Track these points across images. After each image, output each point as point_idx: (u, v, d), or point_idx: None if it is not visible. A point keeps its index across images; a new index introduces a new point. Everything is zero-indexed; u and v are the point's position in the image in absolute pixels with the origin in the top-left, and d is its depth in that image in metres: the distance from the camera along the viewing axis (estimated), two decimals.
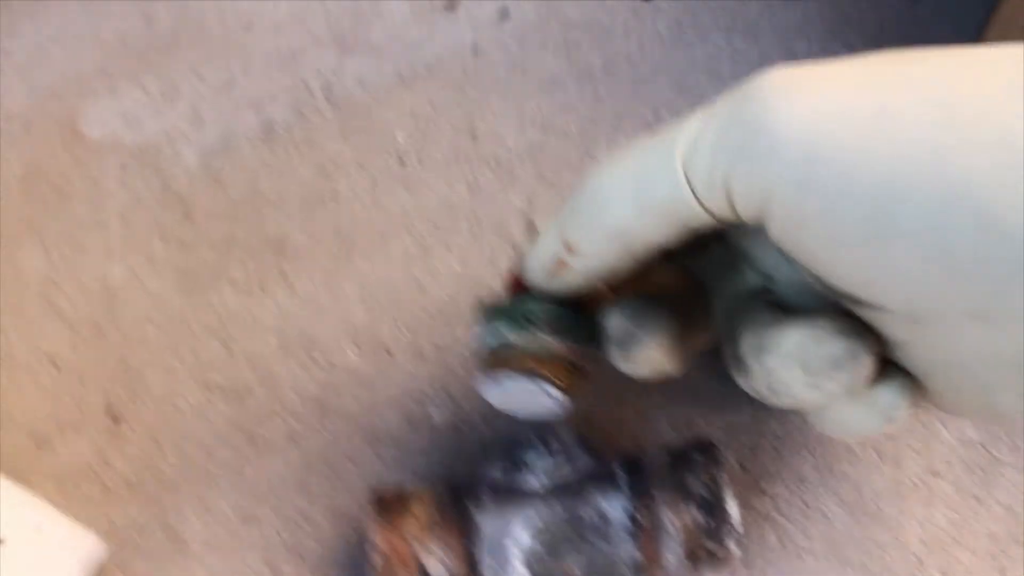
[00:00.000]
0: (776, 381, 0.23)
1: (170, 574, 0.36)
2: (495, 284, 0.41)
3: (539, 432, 0.33)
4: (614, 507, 0.32)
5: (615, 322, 0.26)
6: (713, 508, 0.31)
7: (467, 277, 0.41)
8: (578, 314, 0.26)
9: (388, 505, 0.33)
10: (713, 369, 0.31)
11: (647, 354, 0.25)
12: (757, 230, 0.22)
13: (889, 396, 0.23)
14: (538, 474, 0.32)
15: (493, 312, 0.27)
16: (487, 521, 0.32)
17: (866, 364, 0.22)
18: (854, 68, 0.22)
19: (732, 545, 0.31)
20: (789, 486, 0.36)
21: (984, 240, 0.18)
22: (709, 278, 0.28)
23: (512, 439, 0.33)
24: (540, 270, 0.26)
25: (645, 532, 0.31)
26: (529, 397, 0.27)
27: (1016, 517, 0.35)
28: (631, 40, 0.52)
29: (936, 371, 0.22)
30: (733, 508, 0.31)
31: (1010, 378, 0.20)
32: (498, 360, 0.27)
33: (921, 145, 0.19)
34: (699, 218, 0.22)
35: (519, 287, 0.28)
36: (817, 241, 0.20)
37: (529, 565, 0.31)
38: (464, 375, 0.39)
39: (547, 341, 0.26)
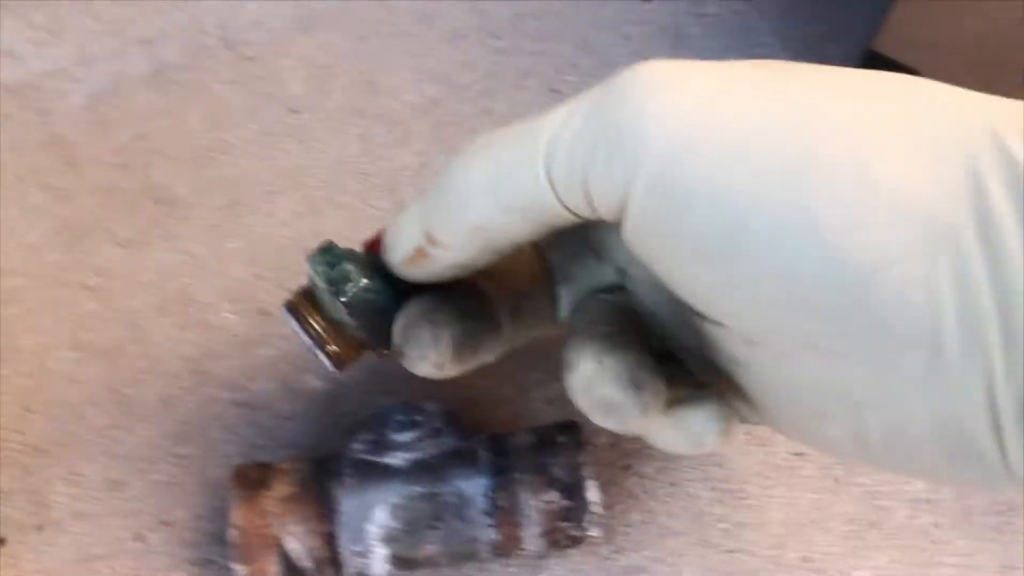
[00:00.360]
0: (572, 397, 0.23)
1: (33, 543, 0.35)
2: None
3: (407, 408, 0.33)
4: (475, 487, 0.32)
5: (401, 322, 0.25)
6: (573, 491, 0.31)
7: (354, 240, 0.40)
8: (398, 301, 0.26)
9: (249, 481, 0.32)
10: None
11: (421, 360, 0.25)
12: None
13: (699, 423, 0.23)
14: (401, 451, 0.32)
15: (325, 253, 0.26)
16: (347, 499, 0.31)
17: (644, 411, 0.21)
18: (731, 73, 0.21)
19: (592, 528, 0.32)
20: (657, 465, 0.36)
21: (825, 274, 0.17)
22: (563, 262, 0.28)
23: (381, 414, 0.33)
24: (399, 256, 0.25)
25: (504, 513, 0.31)
26: (308, 343, 0.28)
27: (873, 498, 0.36)
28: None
29: (768, 393, 0.22)
30: (594, 492, 0.32)
31: (839, 411, 0.20)
32: (299, 300, 0.28)
33: (779, 168, 0.18)
34: (561, 216, 0.22)
35: (374, 249, 0.27)
36: (665, 249, 0.20)
37: (387, 543, 0.31)
38: None
39: (341, 311, 0.26)
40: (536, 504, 0.31)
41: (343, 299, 0.25)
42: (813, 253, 0.17)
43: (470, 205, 0.22)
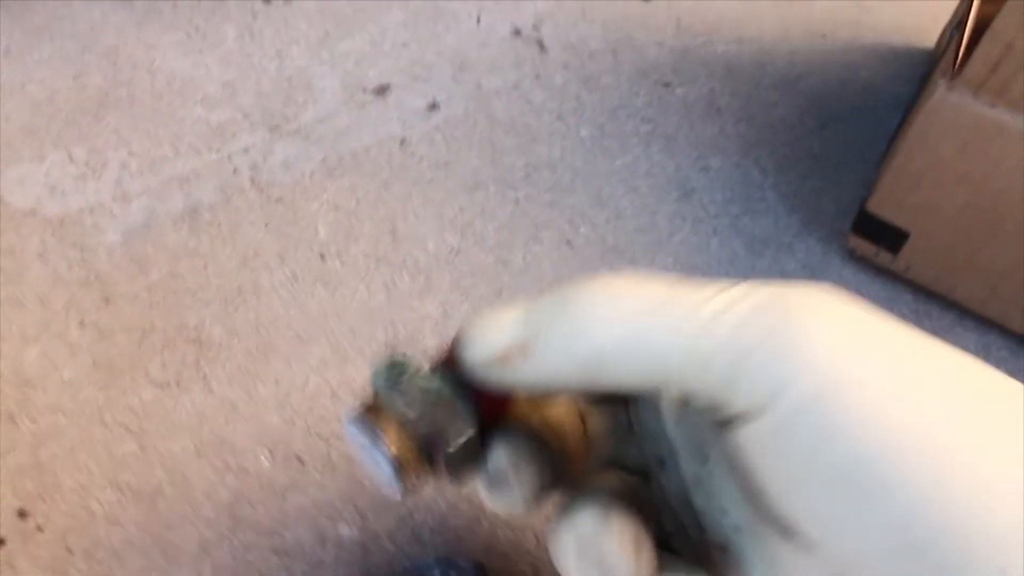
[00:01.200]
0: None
1: None
2: None
3: (443, 563, 0.35)
4: None
5: (495, 457, 0.23)
6: None
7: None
8: (468, 411, 0.23)
9: None
10: None
11: (510, 502, 0.23)
12: (693, 416, 0.21)
13: None
14: None
15: (390, 361, 0.23)
16: None
17: None
18: (905, 343, 0.20)
19: None
20: None
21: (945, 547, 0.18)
22: (599, 429, 0.28)
23: (417, 569, 0.35)
24: (484, 352, 0.22)
25: None
26: (370, 457, 0.25)
27: None
28: (554, 145, 0.54)
29: None
30: None
31: None
32: (364, 406, 0.25)
33: (929, 438, 0.19)
34: (682, 384, 0.20)
35: (446, 365, 0.24)
36: (789, 464, 0.19)
37: None
38: (372, 489, 0.41)
39: (404, 409, 0.23)
40: None
41: (449, 450, 0.23)
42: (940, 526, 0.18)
43: (588, 338, 0.21)
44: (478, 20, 0.60)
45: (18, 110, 0.53)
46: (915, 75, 0.56)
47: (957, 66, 0.41)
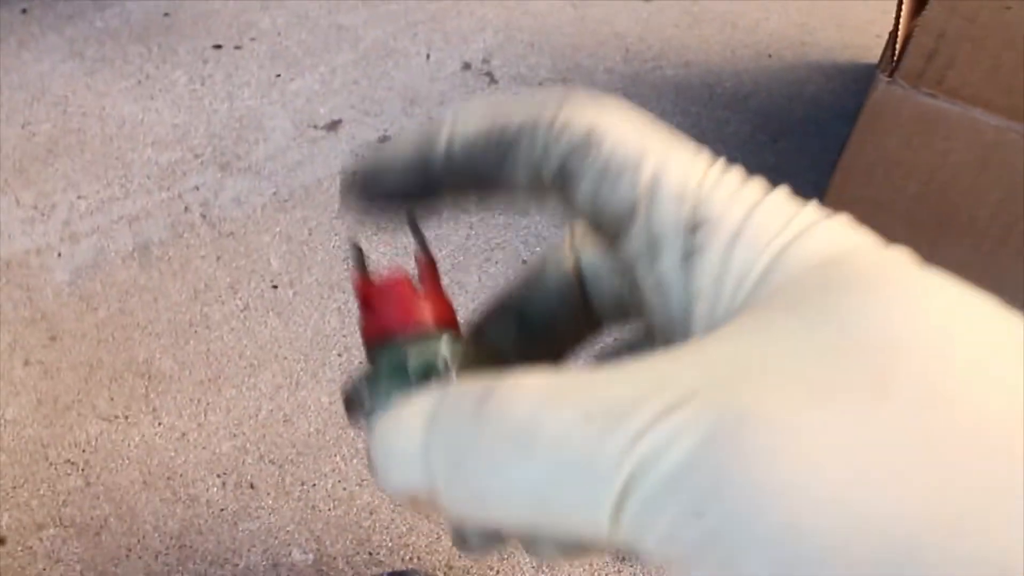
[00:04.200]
0: None
1: None
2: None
3: (396, 575, 0.34)
4: None
5: None
6: None
7: (334, 411, 0.42)
8: None
9: None
10: None
11: None
12: None
13: None
14: None
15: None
16: None
17: None
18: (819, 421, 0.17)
19: None
20: None
21: None
22: None
23: None
24: (389, 489, 0.19)
25: None
26: None
27: None
28: None
29: None
30: None
31: None
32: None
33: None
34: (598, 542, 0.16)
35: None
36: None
37: None
38: (328, 512, 0.40)
39: None
40: None
41: None
42: None
43: (490, 516, 0.16)
44: (427, 57, 0.61)
45: None
46: (861, 88, 0.57)
47: (895, 60, 0.42)
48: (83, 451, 0.42)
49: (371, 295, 0.17)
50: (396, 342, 0.16)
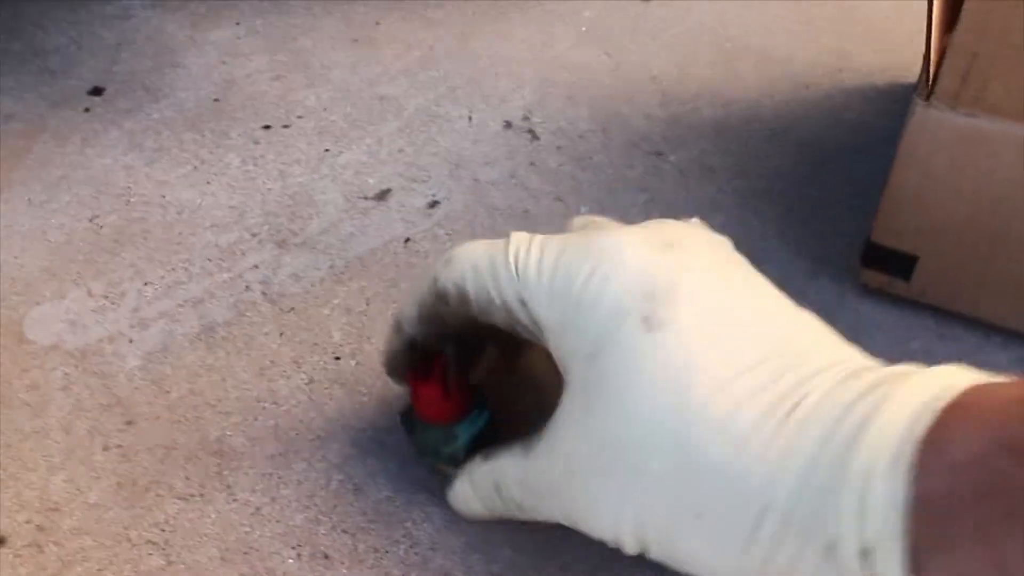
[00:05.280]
0: None
1: None
2: (431, 485, 0.43)
3: None
4: None
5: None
6: None
7: (404, 477, 0.43)
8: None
9: None
10: None
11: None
12: None
13: None
14: None
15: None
16: None
17: None
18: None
19: None
20: None
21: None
22: None
23: None
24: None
25: None
26: None
27: None
28: (554, 224, 0.55)
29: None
30: None
31: None
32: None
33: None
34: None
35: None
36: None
37: None
38: None
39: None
40: None
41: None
42: None
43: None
44: (470, 119, 0.62)
45: (39, 255, 0.55)
46: (902, 109, 0.57)
47: (931, 82, 0.42)
48: (162, 530, 0.43)
49: (415, 387, 0.35)
50: (430, 425, 0.38)
